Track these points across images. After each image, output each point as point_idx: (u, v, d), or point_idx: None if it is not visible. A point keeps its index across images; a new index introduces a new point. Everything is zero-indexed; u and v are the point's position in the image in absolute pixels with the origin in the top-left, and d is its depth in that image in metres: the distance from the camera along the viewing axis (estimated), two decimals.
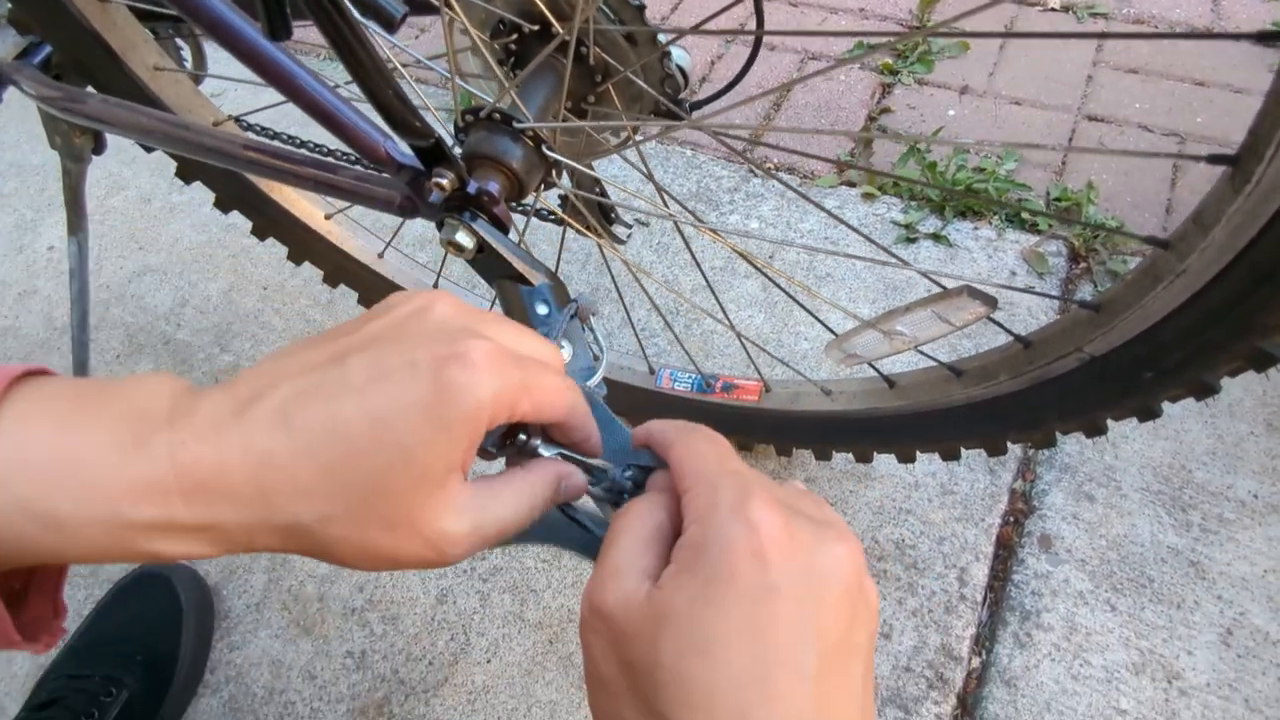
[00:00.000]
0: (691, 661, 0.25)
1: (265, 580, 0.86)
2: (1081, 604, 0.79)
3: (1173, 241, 0.43)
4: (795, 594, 0.26)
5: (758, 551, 0.26)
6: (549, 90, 0.51)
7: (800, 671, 0.25)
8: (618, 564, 0.28)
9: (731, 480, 0.28)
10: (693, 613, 0.25)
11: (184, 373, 1.04)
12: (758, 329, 1.02)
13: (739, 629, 0.25)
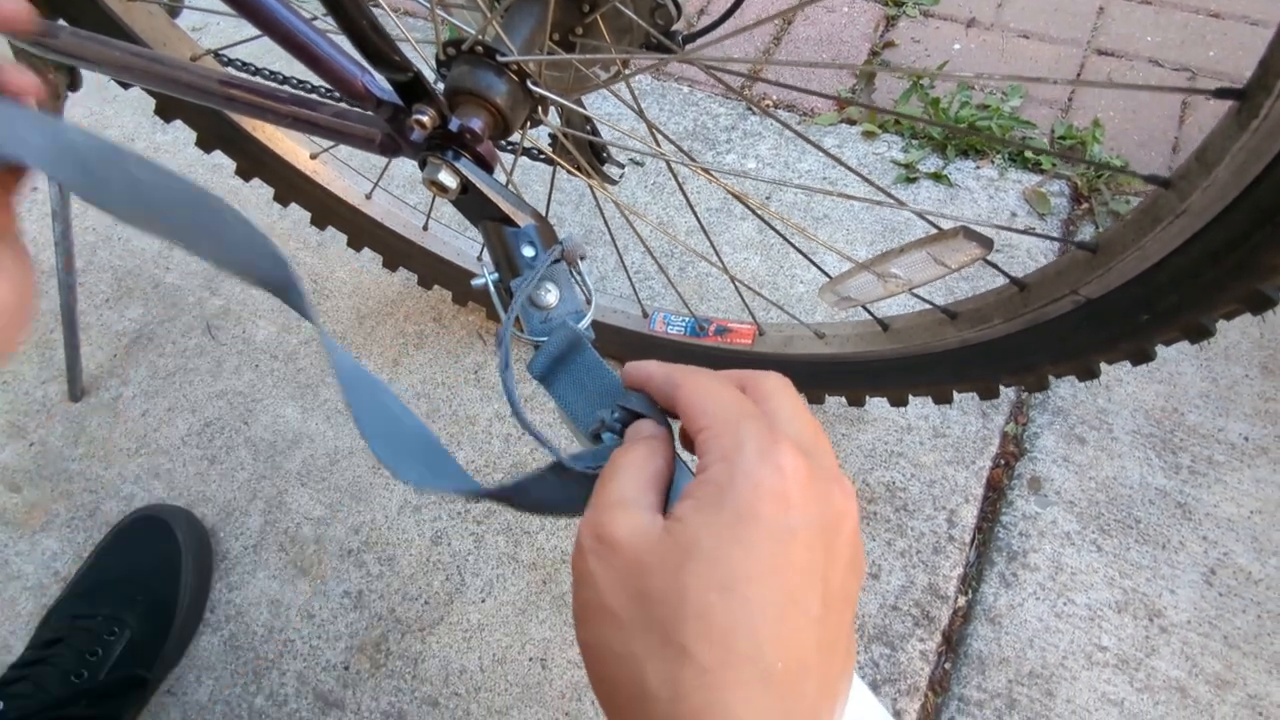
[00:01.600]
0: (716, 596, 0.25)
1: (262, 522, 0.87)
2: (1068, 544, 0.81)
3: (1174, 180, 0.41)
4: (809, 539, 0.27)
5: (783, 494, 0.26)
6: (534, 21, 0.49)
7: (808, 613, 0.26)
8: (624, 495, 0.29)
9: (756, 423, 0.29)
10: (719, 549, 0.26)
11: (173, 316, 1.04)
12: (753, 271, 1.00)
13: (762, 568, 0.26)
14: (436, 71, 0.49)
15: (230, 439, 0.93)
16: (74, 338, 0.94)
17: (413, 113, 0.43)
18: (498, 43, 0.46)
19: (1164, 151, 1.05)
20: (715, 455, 0.28)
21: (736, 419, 0.29)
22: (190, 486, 0.90)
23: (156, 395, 0.97)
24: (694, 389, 0.31)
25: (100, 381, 0.99)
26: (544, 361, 0.45)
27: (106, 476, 0.92)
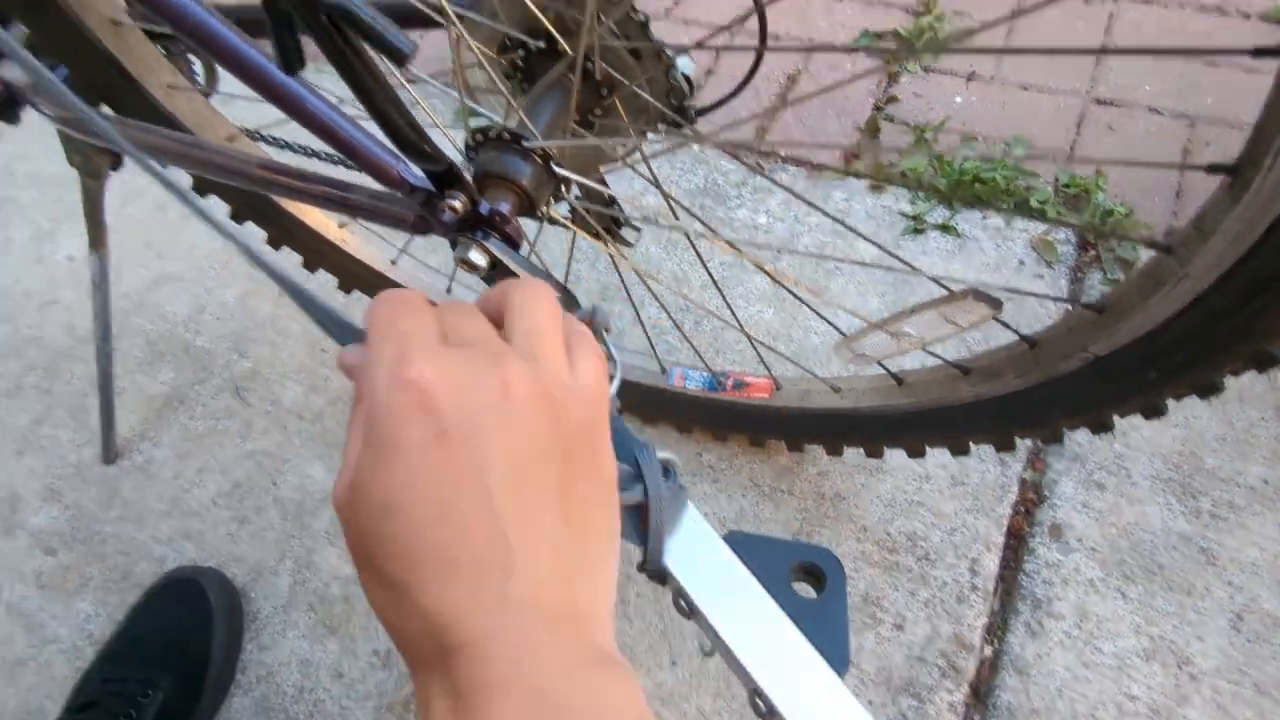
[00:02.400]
0: (383, 521, 0.27)
1: (291, 582, 0.89)
2: (1092, 592, 0.80)
3: (1175, 247, 0.43)
4: (461, 432, 0.27)
5: (419, 406, 0.27)
6: (556, 106, 0.52)
7: (482, 494, 0.27)
8: (343, 464, 0.30)
9: (389, 347, 0.29)
10: (375, 480, 0.27)
11: (204, 379, 1.07)
12: (767, 324, 1.02)
13: (413, 479, 0.27)
14: (465, 155, 0.52)
15: (259, 499, 0.95)
16: (109, 402, 0.97)
17: (445, 198, 0.46)
18: (522, 129, 0.49)
19: (1168, 197, 1.07)
20: (359, 392, 0.30)
21: (376, 346, 0.30)
22: (221, 547, 0.92)
23: (188, 457, 1.00)
24: (367, 314, 0.32)
25: (133, 444, 1.02)
26: None
27: (139, 538, 0.94)
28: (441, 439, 0.27)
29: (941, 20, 1.31)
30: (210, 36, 0.44)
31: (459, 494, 0.27)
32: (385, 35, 0.35)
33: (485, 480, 0.27)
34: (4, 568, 0.93)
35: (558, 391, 0.30)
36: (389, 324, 0.30)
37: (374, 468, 0.28)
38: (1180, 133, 1.13)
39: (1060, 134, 1.16)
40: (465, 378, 0.28)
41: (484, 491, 0.27)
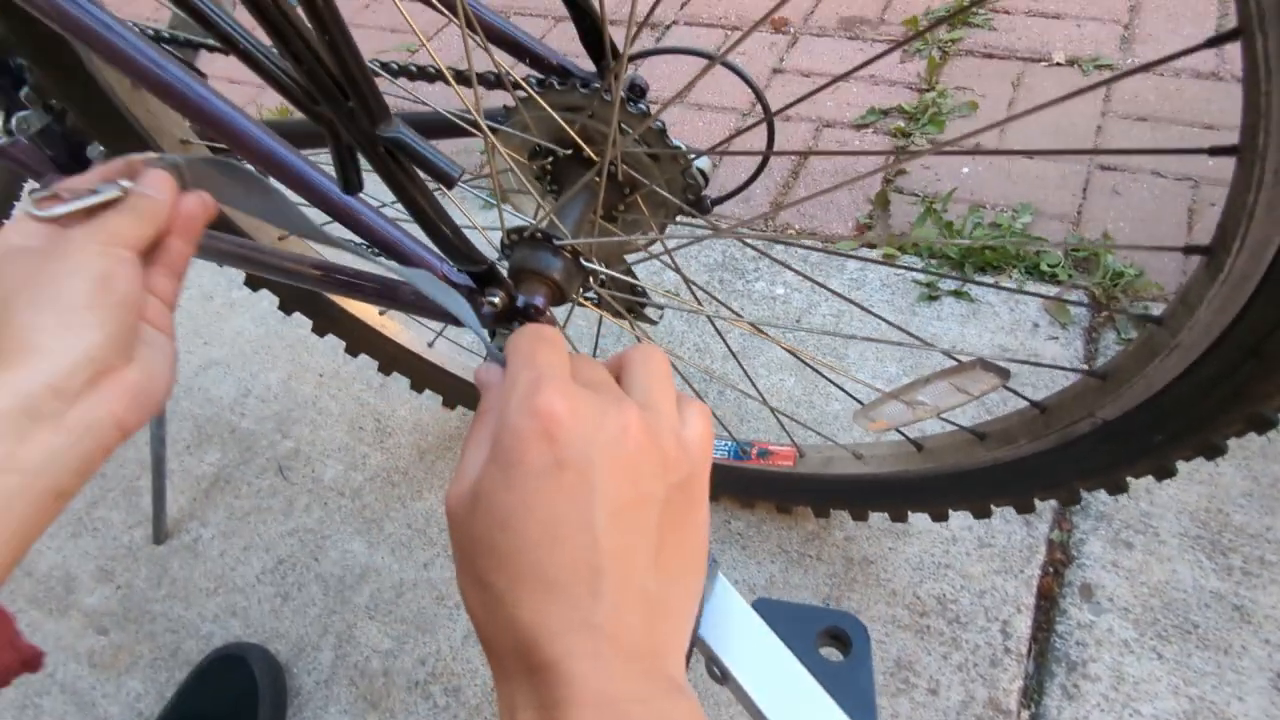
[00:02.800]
0: (496, 534, 0.30)
1: (333, 657, 0.91)
2: (1127, 653, 0.80)
3: (1165, 319, 0.46)
4: (577, 466, 0.30)
5: (545, 434, 0.30)
6: (582, 205, 0.57)
7: (587, 527, 0.30)
8: (461, 464, 0.33)
9: (526, 374, 0.32)
10: (494, 495, 0.30)
11: (248, 459, 1.11)
12: (789, 392, 1.05)
13: (529, 502, 0.30)
14: (500, 253, 0.56)
15: (301, 575, 0.98)
16: (161, 484, 1.02)
17: (485, 294, 0.50)
18: (553, 229, 0.53)
19: (1177, 257, 1.09)
20: (494, 411, 0.33)
21: (514, 372, 0.33)
22: (265, 623, 0.95)
23: (233, 535, 1.04)
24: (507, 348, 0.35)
25: (182, 524, 1.06)
26: None
27: (187, 616, 0.97)
28: (560, 467, 0.30)
29: (944, 96, 1.37)
30: (274, 159, 0.49)
31: (566, 523, 0.30)
32: (435, 162, 0.40)
33: (592, 514, 0.30)
34: (59, 647, 0.96)
35: (669, 440, 0.33)
36: (529, 354, 0.34)
37: (496, 483, 0.30)
38: (1184, 194, 1.16)
39: (1067, 200, 1.19)
40: (589, 415, 0.31)
41: (589, 525, 0.30)
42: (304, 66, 0.38)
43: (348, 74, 0.39)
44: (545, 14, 1.82)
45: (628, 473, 0.31)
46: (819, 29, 1.60)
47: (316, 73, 0.38)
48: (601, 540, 0.30)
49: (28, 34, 0.59)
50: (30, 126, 0.74)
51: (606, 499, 0.30)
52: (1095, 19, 1.47)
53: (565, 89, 0.55)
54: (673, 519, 0.33)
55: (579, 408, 0.31)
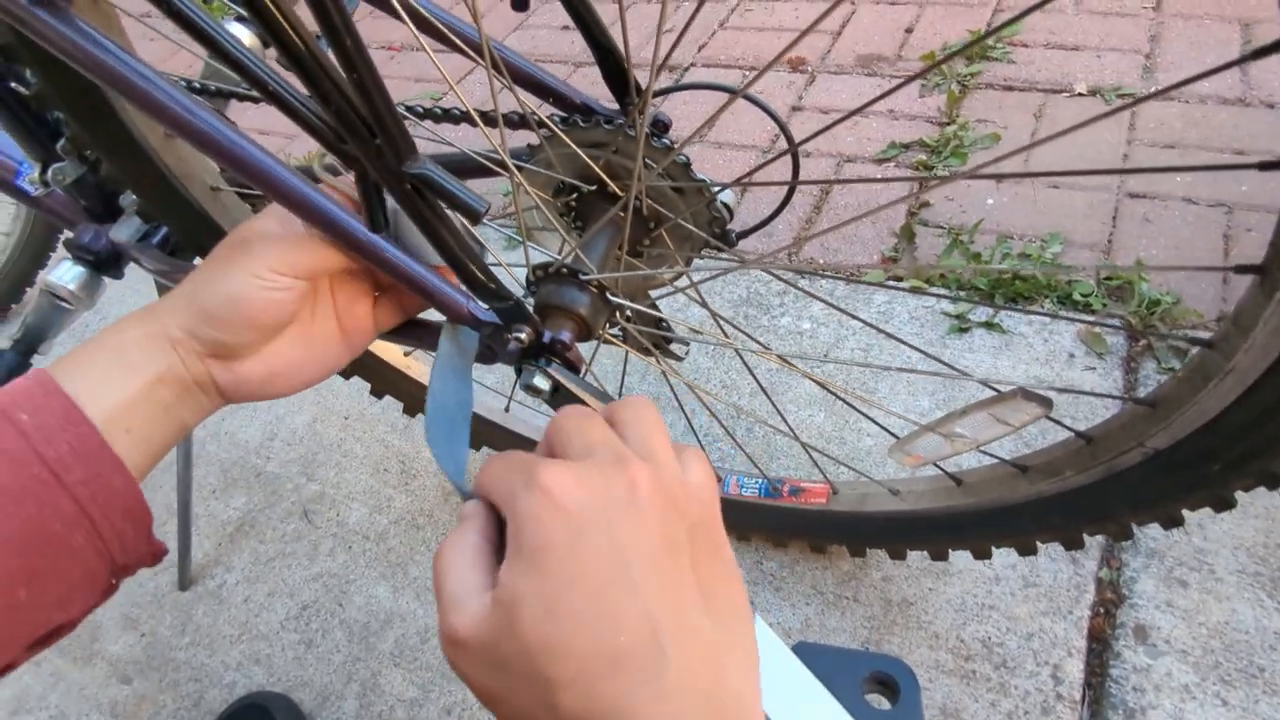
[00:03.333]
0: (547, 627, 0.28)
1: (357, 706, 0.89)
2: (1189, 698, 0.76)
3: (1216, 342, 0.44)
4: (600, 528, 0.30)
5: (558, 509, 0.29)
6: (607, 240, 0.56)
7: (630, 585, 0.29)
8: (453, 593, 0.31)
9: (519, 468, 0.32)
10: (530, 586, 0.29)
11: (273, 503, 1.11)
12: (819, 427, 1.03)
13: (567, 581, 0.29)
14: (526, 289, 0.56)
15: (326, 621, 0.97)
16: (187, 530, 1.02)
17: (511, 331, 0.50)
18: (579, 264, 0.53)
19: (1214, 282, 1.07)
20: (505, 514, 0.32)
21: (507, 475, 0.32)
22: (289, 671, 0.93)
23: (257, 581, 1.03)
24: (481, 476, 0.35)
25: (207, 570, 1.05)
26: None
27: (210, 665, 0.95)
28: (582, 538, 0.29)
29: (966, 129, 1.37)
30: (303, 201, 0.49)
31: (610, 586, 0.29)
32: (461, 197, 0.39)
33: (629, 572, 0.29)
34: (83, 697, 0.95)
35: (676, 487, 0.32)
36: (510, 466, 0.33)
37: (531, 573, 0.29)
38: (1218, 220, 1.14)
39: (1096, 229, 1.18)
40: (594, 478, 0.31)
41: (631, 583, 0.29)
42: (332, 107, 0.38)
43: (375, 113, 0.39)
44: (566, 60, 1.86)
45: (648, 523, 0.31)
46: (837, 67, 1.61)
47: (345, 112, 0.39)
48: (645, 592, 0.29)
49: (65, 87, 0.61)
50: (65, 177, 0.76)
51: (638, 553, 0.30)
52: (1115, 49, 1.47)
53: (589, 126, 0.55)
54: (703, 560, 0.32)
55: (583, 474, 0.31)
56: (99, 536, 0.36)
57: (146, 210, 0.75)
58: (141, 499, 0.38)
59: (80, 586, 0.36)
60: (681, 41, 1.76)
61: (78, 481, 0.35)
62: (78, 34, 0.42)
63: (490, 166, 0.59)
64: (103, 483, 0.36)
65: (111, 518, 0.36)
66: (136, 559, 0.38)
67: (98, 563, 0.36)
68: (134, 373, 0.39)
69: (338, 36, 0.35)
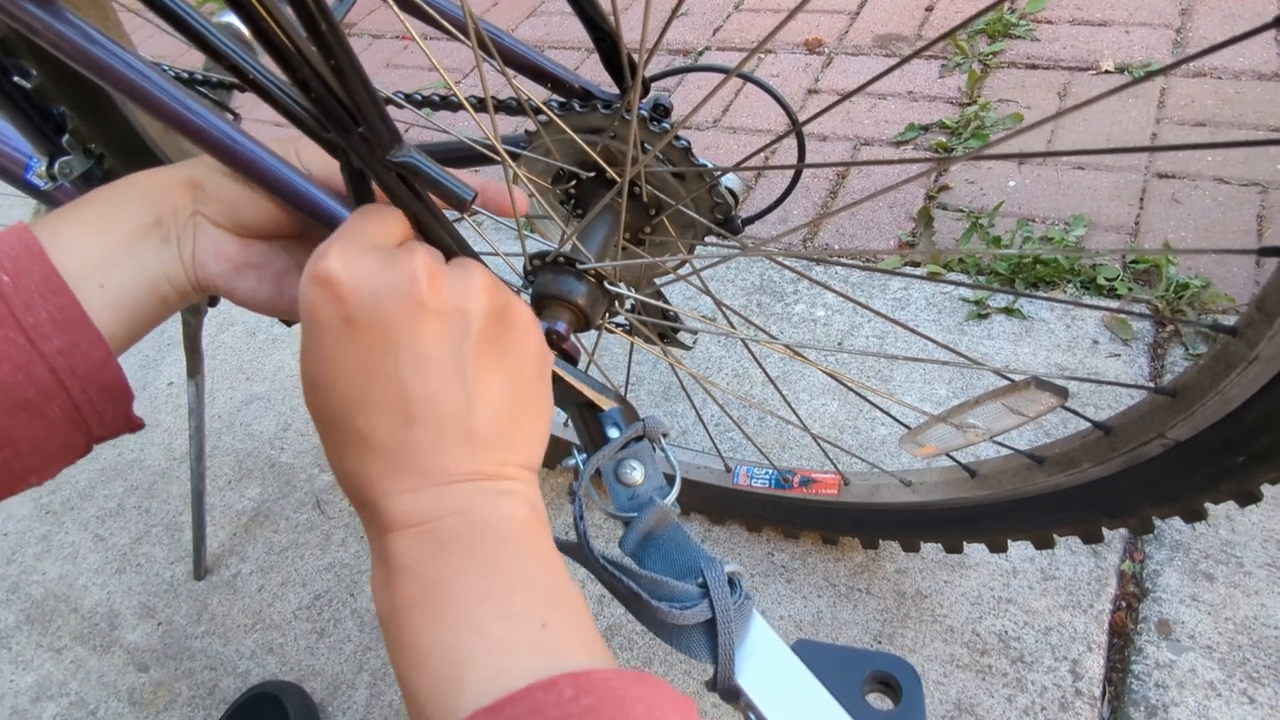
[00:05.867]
0: (311, 396, 0.34)
1: (367, 695, 0.89)
2: (1214, 695, 0.73)
3: (1240, 329, 0.42)
4: (372, 321, 0.32)
5: (328, 297, 0.32)
6: (607, 228, 0.55)
7: (392, 379, 0.32)
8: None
9: (327, 243, 0.34)
10: (304, 359, 0.34)
11: (287, 493, 1.11)
12: (831, 416, 1.01)
13: (331, 362, 0.32)
14: (524, 279, 0.55)
15: (338, 611, 0.97)
16: (201, 520, 1.02)
17: None
18: (576, 253, 0.52)
19: (1246, 265, 1.03)
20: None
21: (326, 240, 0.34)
22: (301, 660, 0.94)
23: (271, 571, 1.03)
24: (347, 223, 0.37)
25: (221, 560, 1.06)
26: (634, 538, 0.48)
27: (225, 653, 0.96)
28: (351, 325, 0.32)
29: (987, 109, 1.33)
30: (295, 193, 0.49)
31: (371, 379, 0.32)
32: (447, 185, 0.38)
33: (396, 367, 0.32)
34: (101, 685, 0.97)
35: (475, 276, 0.35)
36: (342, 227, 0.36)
37: (304, 349, 0.33)
38: (1251, 199, 1.10)
39: (1123, 210, 1.14)
40: (370, 271, 0.32)
41: (394, 377, 0.32)
42: (312, 94, 0.37)
43: (356, 99, 0.38)
44: (579, 46, 1.84)
45: (427, 318, 0.32)
46: (854, 48, 1.58)
47: (325, 99, 0.37)
48: (410, 389, 0.32)
49: (64, 80, 0.61)
50: (73, 171, 0.76)
51: (409, 348, 0.32)
52: (1144, 24, 1.42)
53: (586, 111, 0.53)
54: (489, 350, 0.34)
55: (358, 265, 0.32)
56: (76, 409, 0.35)
57: None
58: (120, 373, 0.37)
59: (57, 455, 0.36)
60: (696, 25, 1.73)
61: (55, 351, 0.34)
62: (67, 27, 0.41)
63: (486, 154, 0.58)
64: (81, 355, 0.35)
65: (90, 392, 0.35)
66: (114, 431, 0.39)
67: (74, 434, 0.36)
68: (121, 218, 0.38)
69: (313, 23, 0.34)
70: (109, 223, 0.38)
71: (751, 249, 0.50)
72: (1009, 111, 1.33)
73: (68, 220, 0.37)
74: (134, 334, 0.40)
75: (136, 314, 0.39)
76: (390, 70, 1.96)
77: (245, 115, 0.84)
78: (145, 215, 0.39)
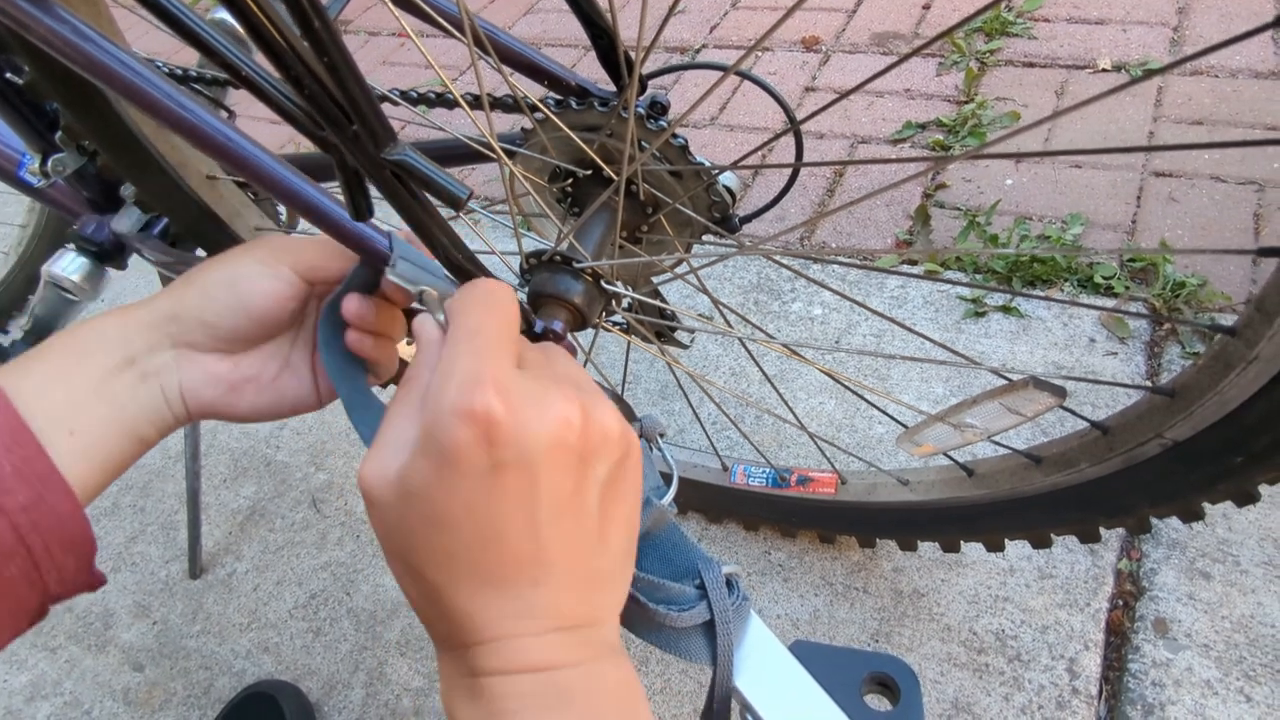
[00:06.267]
0: (432, 532, 0.30)
1: (363, 695, 0.89)
2: (1211, 694, 0.73)
3: (1239, 329, 0.42)
4: (521, 465, 0.29)
5: (483, 438, 0.29)
6: (604, 226, 0.55)
7: (530, 525, 0.30)
8: (383, 440, 0.31)
9: (466, 360, 0.30)
10: (429, 493, 0.29)
11: (283, 492, 1.11)
12: (828, 415, 1.01)
13: (467, 505, 0.29)
14: (520, 278, 0.54)
15: (334, 610, 0.97)
16: (196, 519, 1.02)
17: None
18: (572, 251, 0.51)
19: (1243, 264, 1.03)
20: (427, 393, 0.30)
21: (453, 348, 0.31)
22: (297, 660, 0.93)
23: (267, 569, 1.03)
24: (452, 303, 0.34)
25: (217, 559, 1.06)
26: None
27: (220, 653, 0.96)
28: (499, 470, 0.29)
29: (984, 107, 1.33)
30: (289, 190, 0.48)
31: (509, 524, 0.30)
32: (442, 183, 0.38)
33: (536, 513, 0.30)
34: (96, 684, 0.96)
35: (611, 422, 0.32)
36: (473, 327, 0.32)
37: (429, 482, 0.29)
38: (1248, 198, 1.10)
39: (1120, 209, 1.14)
40: (530, 412, 0.30)
41: (533, 523, 0.30)
42: (306, 91, 0.37)
43: (349, 97, 0.37)
44: (576, 44, 1.83)
45: (571, 465, 0.31)
46: (851, 46, 1.58)
47: (318, 97, 0.37)
48: (545, 535, 0.30)
49: (58, 77, 0.60)
50: (66, 168, 0.75)
51: (551, 496, 0.30)
52: (1142, 23, 1.42)
53: (583, 109, 0.53)
54: (613, 494, 0.33)
55: (518, 406, 0.30)
56: (35, 568, 0.32)
57: (144, 200, 0.74)
58: (86, 527, 0.34)
59: (5, 618, 0.32)
60: (692, 22, 1.73)
61: (18, 507, 0.31)
62: (59, 23, 0.41)
63: (482, 152, 0.58)
64: (46, 508, 0.32)
65: (51, 549, 0.33)
66: (73, 589, 0.35)
67: (29, 594, 0.33)
68: (88, 361, 0.36)
69: (307, 19, 0.34)
70: (75, 366, 0.36)
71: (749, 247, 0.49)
72: (1006, 110, 1.33)
73: (29, 367, 0.35)
74: (107, 478, 0.37)
75: (110, 458, 0.37)
76: (386, 68, 1.95)
77: (241, 113, 0.83)
78: (115, 355, 0.37)
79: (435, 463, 0.29)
